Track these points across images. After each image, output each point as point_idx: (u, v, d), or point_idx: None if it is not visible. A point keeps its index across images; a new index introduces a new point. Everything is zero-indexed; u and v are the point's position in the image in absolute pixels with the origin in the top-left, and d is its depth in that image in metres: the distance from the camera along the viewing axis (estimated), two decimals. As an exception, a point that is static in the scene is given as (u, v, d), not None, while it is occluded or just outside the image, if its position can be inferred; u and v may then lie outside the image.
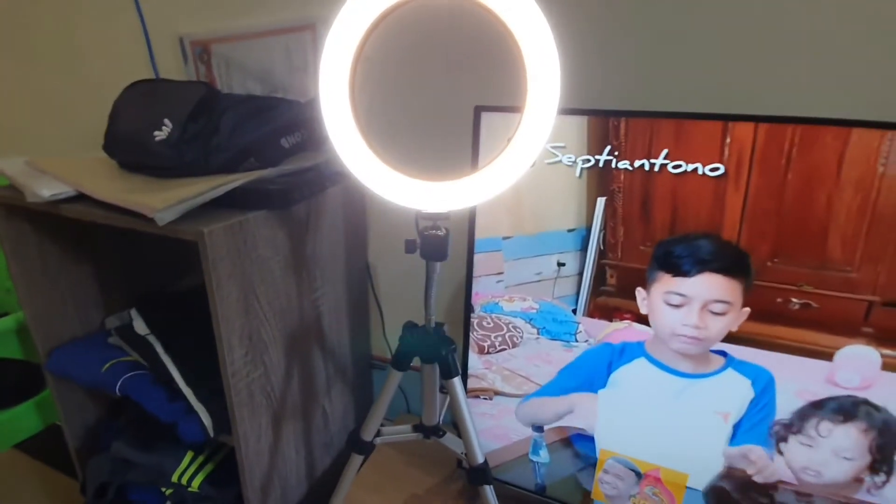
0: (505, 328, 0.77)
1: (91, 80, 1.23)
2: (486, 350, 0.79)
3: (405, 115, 0.90)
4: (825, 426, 0.62)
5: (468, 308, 0.78)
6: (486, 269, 0.75)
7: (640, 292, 0.68)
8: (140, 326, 0.91)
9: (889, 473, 0.61)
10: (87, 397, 1.03)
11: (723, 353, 0.66)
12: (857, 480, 0.62)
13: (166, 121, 0.79)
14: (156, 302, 0.97)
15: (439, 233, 0.58)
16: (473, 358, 0.81)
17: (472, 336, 0.80)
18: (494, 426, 0.82)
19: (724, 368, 0.67)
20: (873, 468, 0.62)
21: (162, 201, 0.66)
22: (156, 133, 0.79)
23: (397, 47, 0.78)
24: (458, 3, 0.52)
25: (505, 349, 0.78)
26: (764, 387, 0.65)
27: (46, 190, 0.75)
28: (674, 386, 0.69)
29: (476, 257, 0.75)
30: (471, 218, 0.73)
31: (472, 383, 0.82)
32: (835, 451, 0.62)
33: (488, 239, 0.74)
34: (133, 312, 0.93)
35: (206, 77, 1.06)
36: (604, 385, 0.73)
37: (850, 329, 0.58)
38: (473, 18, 0.51)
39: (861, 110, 0.54)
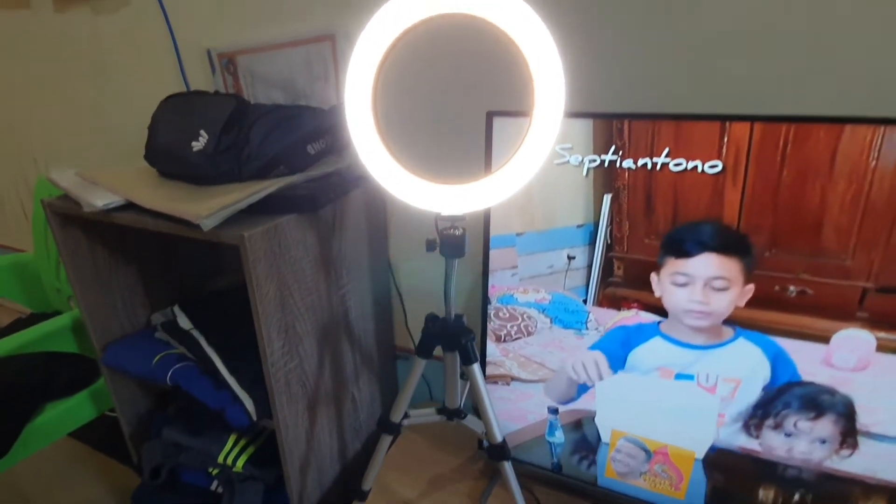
0: (520, 318, 0.82)
1: (125, 91, 1.31)
2: (502, 338, 0.85)
3: (423, 122, 0.95)
4: (803, 423, 0.68)
5: (485, 300, 0.84)
6: (501, 263, 0.80)
7: (653, 277, 0.72)
8: (184, 322, 0.99)
9: (854, 447, 0.66)
10: (138, 388, 1.12)
11: (732, 326, 0.69)
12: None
13: (202, 132, 0.86)
14: (195, 300, 1.05)
15: (457, 232, 0.63)
16: (491, 346, 0.86)
17: (490, 326, 0.85)
18: (512, 409, 0.88)
19: (734, 339, 0.70)
20: (842, 445, 0.68)
21: (206, 209, 0.73)
22: (193, 144, 0.85)
23: (414, 57, 0.83)
24: (470, 19, 0.56)
25: (520, 337, 0.83)
26: (775, 358, 0.69)
27: (100, 200, 0.83)
28: (688, 357, 0.73)
29: (491, 252, 0.80)
30: (486, 216, 0.78)
31: (490, 370, 0.88)
32: (813, 440, 0.69)
33: (503, 235, 0.79)
34: (176, 309, 1.01)
35: (233, 86, 1.13)
36: (622, 365, 0.77)
37: (845, 314, 0.62)
38: (484, 31, 0.55)
39: (853, 106, 0.57)
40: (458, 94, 0.91)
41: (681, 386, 0.74)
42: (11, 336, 1.06)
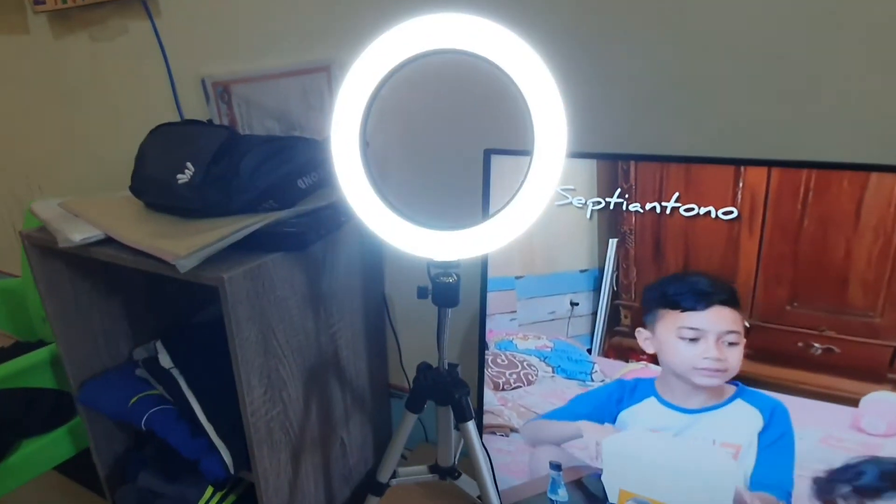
0: (519, 366, 0.77)
1: (119, 117, 1.29)
2: (500, 387, 0.79)
3: (417, 159, 0.92)
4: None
5: (482, 345, 0.79)
6: (500, 307, 0.75)
7: (641, 332, 0.68)
8: (165, 360, 0.93)
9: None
10: (115, 427, 1.06)
11: (735, 383, 0.65)
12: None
13: (189, 164, 0.82)
14: (179, 334, 1.00)
15: (450, 280, 0.59)
16: (489, 394, 0.81)
17: (487, 373, 0.80)
18: (511, 462, 0.82)
19: (733, 399, 0.66)
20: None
21: (184, 248, 0.69)
22: (178, 176, 0.82)
23: (407, 91, 0.80)
24: (465, 55, 0.53)
25: (520, 386, 0.78)
26: (771, 414, 0.64)
27: (78, 234, 0.79)
28: (682, 422, 0.68)
29: (489, 295, 0.75)
30: (483, 258, 0.74)
31: (488, 419, 0.82)
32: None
33: (501, 278, 0.74)
34: (158, 345, 0.96)
35: (227, 115, 1.10)
36: (612, 421, 0.72)
37: (875, 375, 0.56)
38: (480, 67, 0.52)
39: (879, 153, 0.53)
40: (453, 130, 0.87)
41: (694, 445, 0.68)
42: (-14, 371, 1.01)
